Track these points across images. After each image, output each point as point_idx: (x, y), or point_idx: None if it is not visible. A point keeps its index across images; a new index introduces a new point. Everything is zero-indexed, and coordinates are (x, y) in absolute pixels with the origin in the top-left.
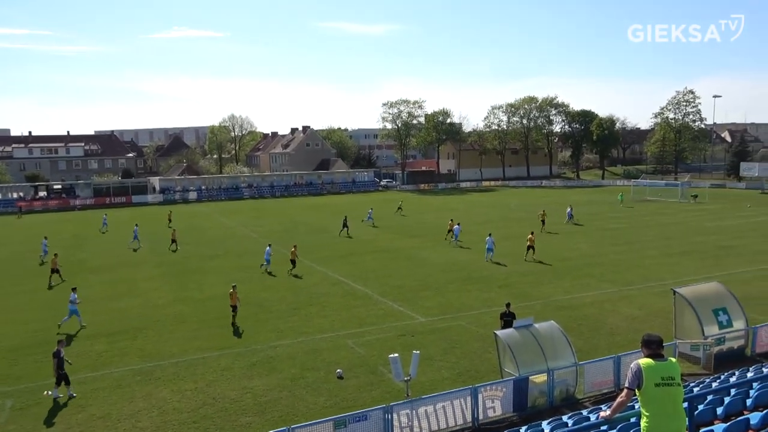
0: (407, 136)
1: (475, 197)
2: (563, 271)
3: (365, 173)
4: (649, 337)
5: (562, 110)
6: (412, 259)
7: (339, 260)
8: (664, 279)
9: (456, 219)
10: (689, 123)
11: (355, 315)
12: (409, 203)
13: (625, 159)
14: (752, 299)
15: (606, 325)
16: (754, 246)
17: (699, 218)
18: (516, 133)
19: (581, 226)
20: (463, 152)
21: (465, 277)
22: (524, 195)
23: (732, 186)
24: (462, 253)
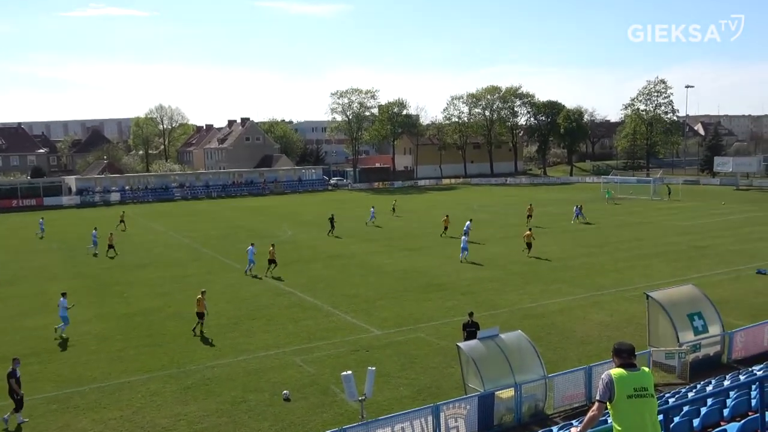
0: (359, 129)
1: (434, 196)
2: (531, 276)
3: (313, 171)
4: (620, 345)
5: (527, 101)
6: (366, 265)
7: (285, 268)
8: (637, 283)
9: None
10: (661, 115)
11: (303, 329)
12: (362, 204)
13: (594, 154)
14: (727, 302)
15: (576, 333)
16: (729, 246)
17: (672, 217)
18: (478, 126)
19: (549, 229)
20: (421, 147)
21: (424, 284)
22: (488, 194)
23: (706, 182)
24: (421, 258)
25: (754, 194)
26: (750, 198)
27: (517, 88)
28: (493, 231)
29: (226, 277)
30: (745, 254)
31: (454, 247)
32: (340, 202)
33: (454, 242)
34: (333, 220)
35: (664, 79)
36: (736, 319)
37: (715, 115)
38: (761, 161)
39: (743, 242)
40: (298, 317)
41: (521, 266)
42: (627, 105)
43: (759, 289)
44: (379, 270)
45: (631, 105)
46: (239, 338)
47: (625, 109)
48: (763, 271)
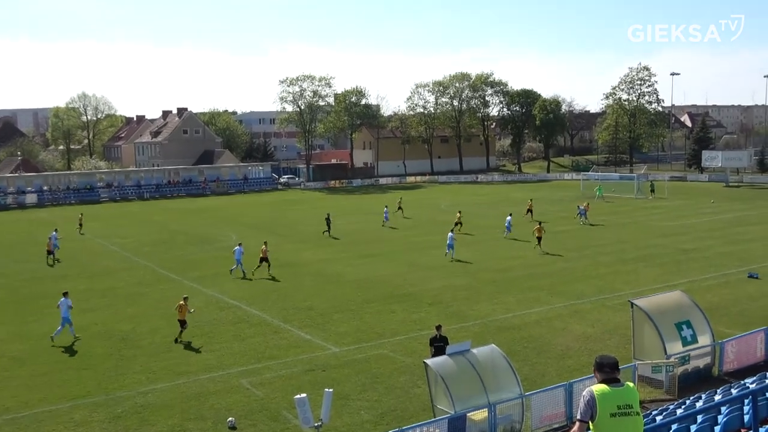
0: (312, 121)
1: (397, 196)
2: (505, 284)
3: (260, 168)
4: (602, 359)
5: (499, 90)
6: (322, 274)
7: (229, 278)
8: (620, 290)
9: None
10: (645, 105)
11: (250, 347)
12: (317, 205)
13: (573, 148)
14: (717, 309)
15: (555, 346)
16: (718, 248)
17: (657, 217)
18: (446, 117)
19: (525, 231)
20: (382, 141)
21: (387, 294)
22: (457, 192)
23: (693, 179)
24: (383, 265)
25: (744, 191)
26: (740, 195)
27: (488, 75)
28: (462, 234)
29: (161, 289)
30: (735, 257)
31: (419, 252)
32: (292, 203)
33: (418, 246)
34: (329, 220)
35: (648, 66)
36: (727, 328)
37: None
38: (752, 155)
39: (734, 244)
40: (245, 334)
41: (494, 273)
42: (608, 94)
43: (751, 295)
44: (336, 279)
45: (613, 94)
46: (177, 359)
47: (606, 99)
48: (754, 275)
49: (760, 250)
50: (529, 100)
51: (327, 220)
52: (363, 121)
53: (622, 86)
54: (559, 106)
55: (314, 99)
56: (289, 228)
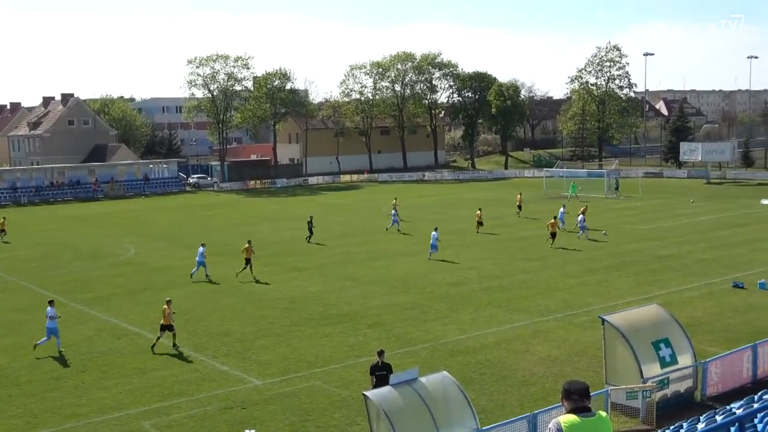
0: (228, 109)
1: (330, 198)
2: (458, 300)
3: (165, 166)
4: (570, 385)
5: (448, 72)
6: (241, 292)
7: (127, 299)
8: (590, 304)
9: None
10: (615, 90)
11: (154, 382)
12: (233, 210)
13: (534, 140)
14: (699, 325)
15: (517, 372)
16: (699, 254)
17: (631, 219)
18: (386, 105)
19: (482, 236)
20: (311, 133)
21: (319, 315)
22: (400, 193)
23: (671, 174)
24: (314, 281)
25: (728, 188)
26: (723, 193)
27: (435, 55)
28: (406, 242)
29: (43, 316)
30: (718, 264)
31: (356, 265)
32: (204, 207)
33: (355, 258)
34: (312, 223)
35: (618, 45)
36: (711, 345)
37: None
38: (735, 147)
39: (716, 249)
40: (148, 366)
41: (445, 287)
42: (573, 77)
43: (736, 307)
44: (258, 298)
45: (579, 78)
46: (65, 398)
47: (571, 83)
48: (740, 284)
49: (746, 256)
50: (483, 85)
51: (309, 224)
52: (288, 110)
53: (589, 68)
54: (517, 92)
55: (229, 83)
56: (201, 238)
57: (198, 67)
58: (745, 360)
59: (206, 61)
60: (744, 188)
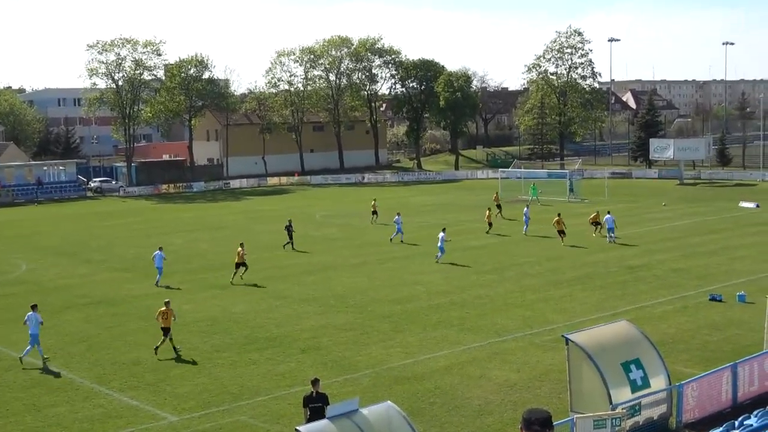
0: (135, 102)
1: (255, 204)
2: (404, 320)
3: (62, 168)
4: (531, 414)
5: (390, 60)
6: (152, 313)
7: (16, 324)
8: (552, 321)
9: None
10: (577, 80)
11: (51, 420)
12: (143, 218)
13: (488, 137)
14: (673, 343)
15: (471, 400)
16: (672, 263)
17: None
18: (320, 97)
19: (429, 247)
20: (233, 130)
21: (244, 339)
22: (336, 198)
23: (640, 175)
24: (238, 299)
25: (702, 190)
26: (698, 195)
27: (375, 40)
28: (346, 254)
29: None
30: (693, 274)
31: (286, 281)
32: (108, 215)
33: (285, 273)
34: (291, 228)
35: (580, 30)
36: (686, 366)
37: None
38: (710, 144)
39: (691, 258)
40: (42, 402)
41: (389, 305)
42: (530, 66)
43: (714, 322)
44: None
45: (537, 66)
46: None
47: (528, 72)
48: (717, 297)
49: (723, 265)
50: (430, 74)
51: (288, 229)
52: (206, 103)
53: (549, 56)
54: (468, 82)
55: (137, 71)
56: (105, 252)
57: (100, 53)
58: (725, 382)
59: (110, 46)
60: (720, 190)
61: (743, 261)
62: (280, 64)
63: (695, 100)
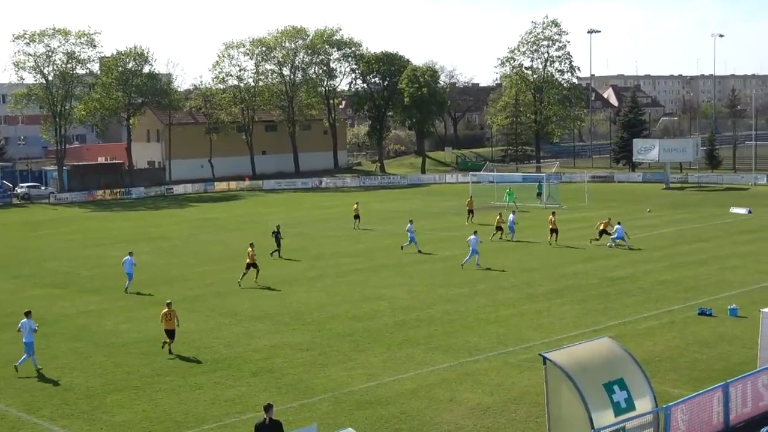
0: (67, 98)
1: (201, 212)
2: (366, 338)
3: None
4: None
5: (350, 53)
6: (88, 334)
7: None
8: (529, 339)
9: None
10: (554, 75)
11: None
12: (76, 228)
13: (457, 138)
14: (659, 361)
15: (440, 426)
16: (658, 274)
17: (575, 233)
18: (272, 94)
19: (394, 258)
20: (177, 130)
21: (189, 361)
22: (292, 205)
23: (623, 178)
24: (182, 317)
25: (690, 195)
26: (685, 200)
27: (333, 31)
28: (302, 266)
29: None
30: (681, 286)
31: (237, 296)
32: (37, 225)
33: (235, 287)
34: (279, 234)
35: (558, 20)
36: (674, 386)
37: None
38: (698, 145)
39: (678, 268)
40: None
41: (350, 322)
42: (504, 60)
43: (703, 339)
44: (110, 341)
45: (510, 60)
46: None
47: (502, 66)
48: (707, 311)
49: (713, 276)
50: (394, 69)
51: (276, 236)
52: (146, 100)
53: (523, 48)
54: (435, 77)
55: (69, 65)
56: (35, 265)
57: (28, 45)
58: (716, 403)
59: (39, 37)
60: (709, 194)
61: (735, 272)
62: (228, 57)
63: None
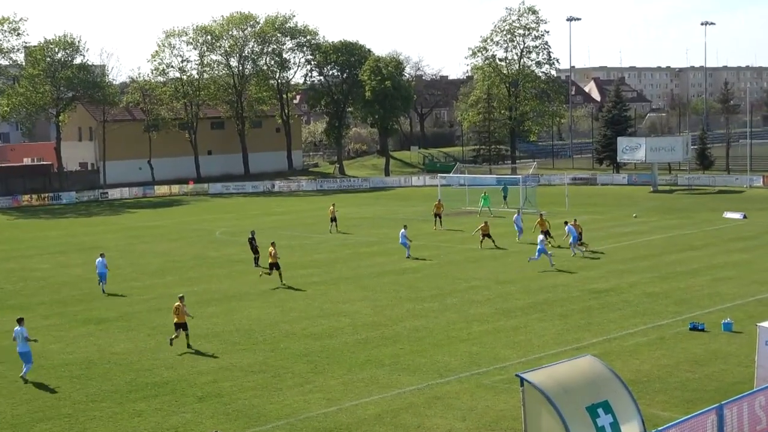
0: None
1: (140, 219)
2: (325, 359)
3: None
4: None
5: (305, 42)
6: (11, 355)
7: None
8: (504, 358)
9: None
10: (531, 67)
11: None
12: (1, 237)
13: (425, 136)
14: (647, 382)
15: None
16: (645, 286)
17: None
18: (219, 88)
19: (355, 269)
20: (112, 128)
21: (127, 385)
22: (241, 211)
23: (606, 180)
24: (120, 336)
25: (680, 198)
26: (675, 204)
27: (286, 17)
28: (252, 279)
29: None
30: (671, 299)
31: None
32: None
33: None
34: (254, 241)
35: (535, 7)
36: (664, 409)
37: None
38: (688, 143)
39: (668, 279)
40: None
41: (306, 341)
42: (475, 50)
43: (695, 356)
44: (37, 363)
45: (483, 50)
46: None
47: (473, 57)
48: (699, 325)
49: (705, 288)
50: (354, 60)
51: (251, 243)
52: (78, 94)
53: (497, 38)
54: (400, 69)
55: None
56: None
57: None
58: (709, 426)
59: None
60: (701, 198)
61: (729, 283)
62: (169, 46)
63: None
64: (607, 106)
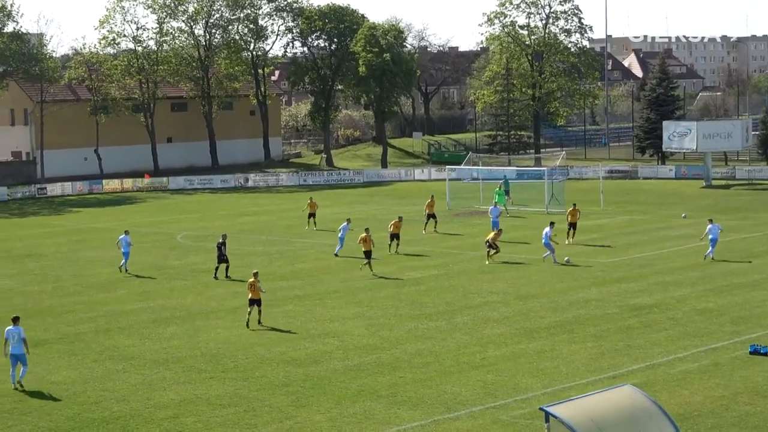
0: None
1: (85, 220)
2: (309, 389)
3: None
4: None
5: (285, 6)
6: None
7: None
8: (526, 388)
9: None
10: (559, 37)
11: None
12: None
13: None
14: (698, 416)
15: None
16: (696, 301)
17: (586, 248)
18: (181, 61)
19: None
20: (51, 109)
21: (71, 421)
22: (208, 210)
23: (649, 174)
24: (61, 362)
25: (738, 195)
26: (732, 203)
27: None
28: (221, 292)
29: None
30: (727, 317)
31: (132, 333)
32: None
33: (127, 319)
34: (224, 246)
35: None
36: None
37: (662, 38)
38: (749, 129)
39: (723, 293)
40: None
41: (286, 369)
42: (492, 15)
43: (756, 386)
44: None
45: (500, 15)
46: None
47: (489, 25)
48: (761, 349)
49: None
50: (345, 28)
51: (220, 248)
52: (10, 68)
53: (517, 1)
54: (401, 39)
55: None
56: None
57: None
58: None
59: None
60: (763, 194)
61: None
62: (121, 11)
63: (726, 65)
64: (651, 84)
